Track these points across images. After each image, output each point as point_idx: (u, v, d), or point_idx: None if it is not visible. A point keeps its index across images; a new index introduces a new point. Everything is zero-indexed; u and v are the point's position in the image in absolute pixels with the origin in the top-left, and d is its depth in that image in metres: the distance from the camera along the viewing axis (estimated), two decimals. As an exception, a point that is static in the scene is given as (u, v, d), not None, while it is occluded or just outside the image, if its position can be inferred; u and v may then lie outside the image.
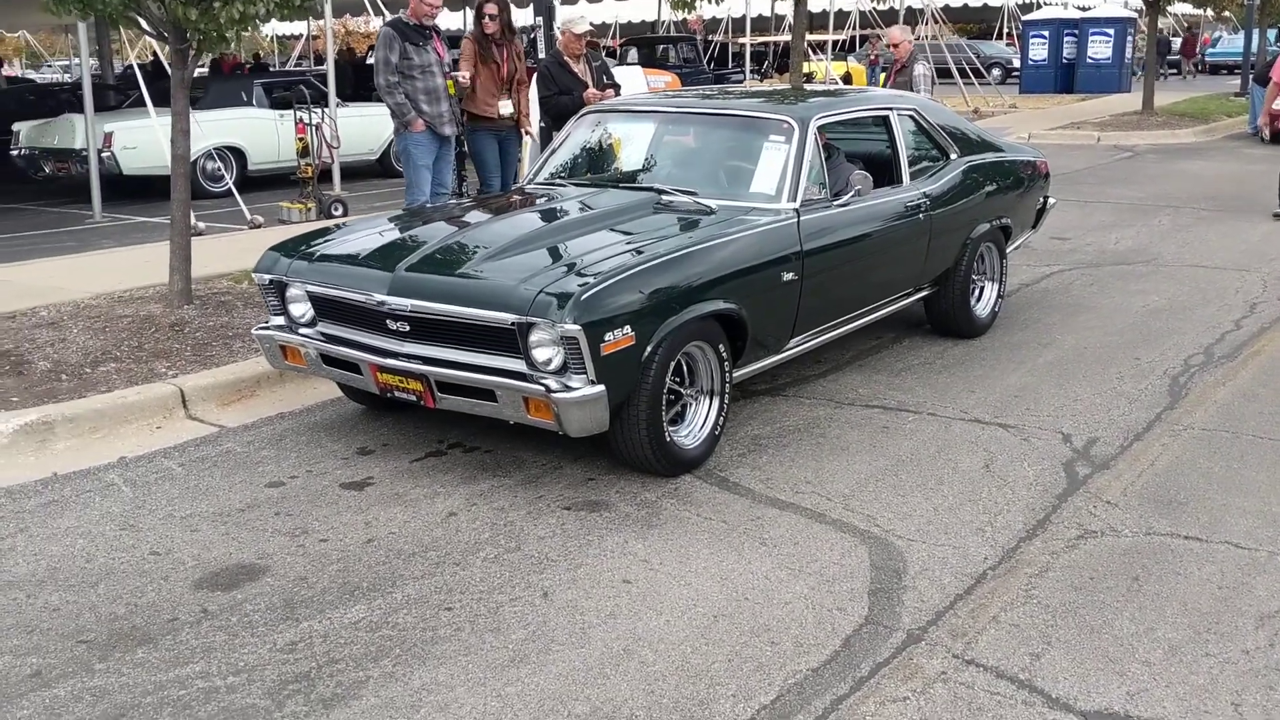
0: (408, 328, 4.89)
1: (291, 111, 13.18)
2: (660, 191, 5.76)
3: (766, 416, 5.77)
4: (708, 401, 5.15)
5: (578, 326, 4.38)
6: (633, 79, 13.88)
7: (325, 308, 5.25)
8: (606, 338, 4.48)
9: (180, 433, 5.70)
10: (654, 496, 4.79)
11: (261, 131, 15.50)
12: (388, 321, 4.94)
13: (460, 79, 8.56)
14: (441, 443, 5.46)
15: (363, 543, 4.41)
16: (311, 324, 5.35)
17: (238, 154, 15.32)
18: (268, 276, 5.37)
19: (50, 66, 46.90)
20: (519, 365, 4.65)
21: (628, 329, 4.56)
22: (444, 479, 5.03)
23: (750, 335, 5.24)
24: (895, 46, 11.18)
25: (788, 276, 5.40)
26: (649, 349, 4.67)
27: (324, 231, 5.81)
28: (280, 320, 5.45)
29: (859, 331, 6.46)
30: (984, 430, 5.55)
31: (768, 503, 4.72)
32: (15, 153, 15.44)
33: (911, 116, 6.75)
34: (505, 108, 8.63)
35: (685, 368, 5.05)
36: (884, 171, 6.53)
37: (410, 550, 4.33)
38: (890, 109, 6.55)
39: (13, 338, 6.85)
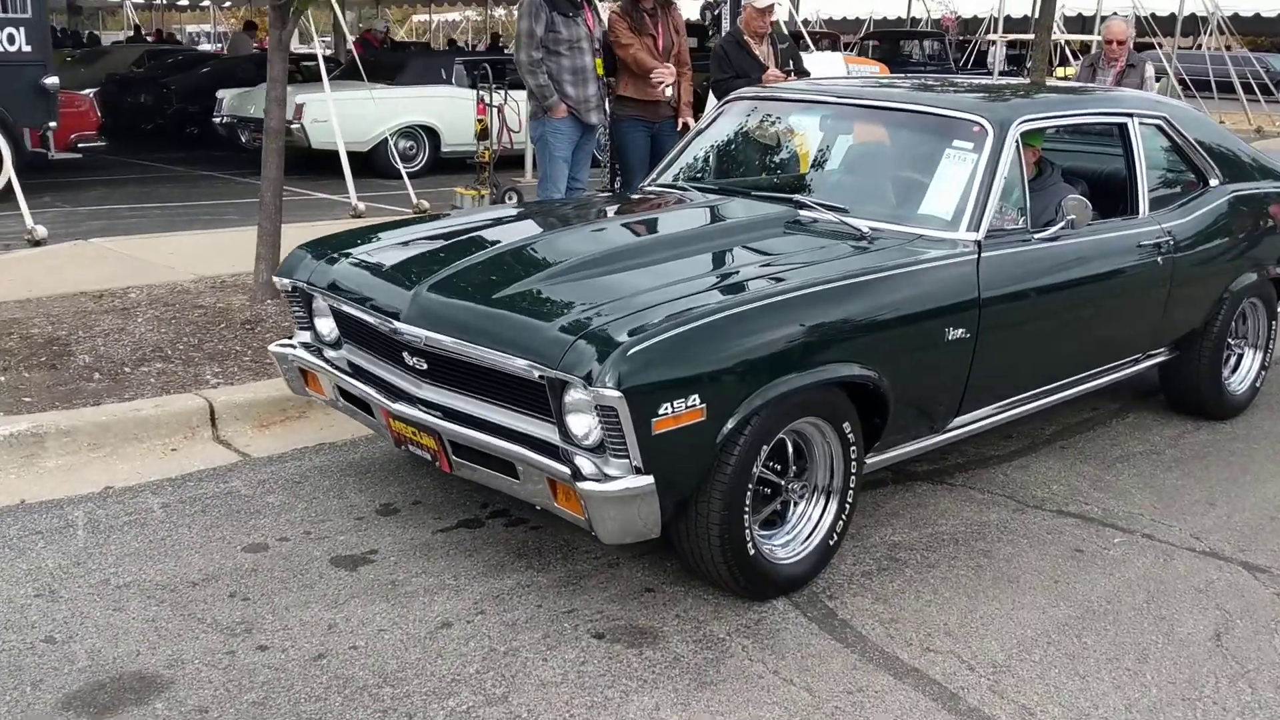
0: (425, 365, 3.72)
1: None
2: (800, 205, 4.39)
3: (917, 515, 4.32)
4: (821, 502, 3.76)
5: (617, 392, 3.09)
6: (831, 66, 12.24)
7: (348, 328, 4.14)
8: (662, 410, 3.17)
9: (194, 459, 4.71)
10: (724, 631, 3.45)
11: (457, 111, 14.69)
12: (404, 355, 3.78)
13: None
14: (484, 508, 4.27)
15: (310, 659, 3.25)
16: (338, 345, 4.25)
17: (431, 133, 14.63)
18: (289, 281, 4.29)
19: (313, 40, 48.34)
20: (551, 434, 3.40)
21: (695, 399, 3.23)
22: (462, 565, 3.83)
23: (893, 412, 3.82)
24: (1119, 44, 9.11)
25: (956, 333, 3.94)
26: (730, 426, 3.33)
27: (388, 226, 4.69)
28: (306, 336, 4.37)
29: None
30: (1221, 571, 3.94)
31: (882, 663, 3.30)
32: (217, 120, 15.23)
33: (1160, 127, 5.11)
34: (669, 88, 7.30)
35: (793, 450, 3.68)
36: (1116, 197, 4.96)
37: (363, 680, 3.15)
38: (1130, 115, 4.94)
39: (73, 323, 6.07)
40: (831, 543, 3.78)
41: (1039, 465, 4.87)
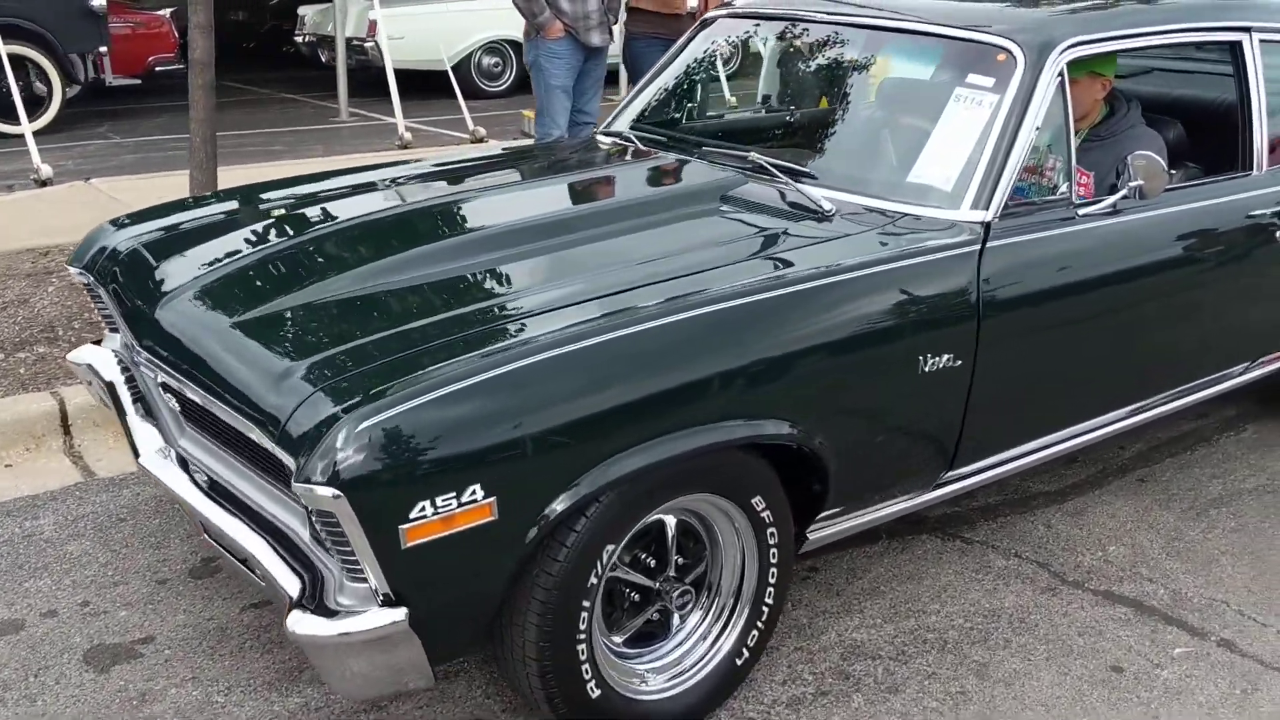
0: (176, 405, 2.73)
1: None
2: (756, 168, 3.20)
3: (902, 596, 3.15)
4: (726, 608, 2.64)
5: (332, 489, 2.02)
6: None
7: (137, 337, 3.16)
8: (417, 511, 2.09)
9: (22, 481, 3.84)
10: (547, 809, 2.39)
11: (545, 25, 13.62)
12: (160, 388, 2.79)
13: None
14: (328, 570, 3.27)
15: (-49, 837, 2.34)
16: (145, 355, 3.28)
17: (518, 49, 13.55)
18: (76, 270, 3.31)
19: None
20: (303, 526, 2.36)
21: (477, 490, 2.13)
22: (249, 668, 2.84)
23: (836, 478, 2.65)
24: None
25: (938, 361, 2.73)
26: (544, 524, 2.23)
27: (243, 192, 3.63)
28: (118, 342, 3.41)
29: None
30: (1329, 717, 2.68)
31: None
32: (299, 38, 14.46)
33: (1290, 44, 3.69)
34: None
35: (678, 535, 2.56)
36: (1224, 145, 3.60)
37: None
38: (1245, 29, 3.53)
39: (-19, 290, 5.28)
40: (740, 661, 2.66)
41: (1099, 510, 3.61)
